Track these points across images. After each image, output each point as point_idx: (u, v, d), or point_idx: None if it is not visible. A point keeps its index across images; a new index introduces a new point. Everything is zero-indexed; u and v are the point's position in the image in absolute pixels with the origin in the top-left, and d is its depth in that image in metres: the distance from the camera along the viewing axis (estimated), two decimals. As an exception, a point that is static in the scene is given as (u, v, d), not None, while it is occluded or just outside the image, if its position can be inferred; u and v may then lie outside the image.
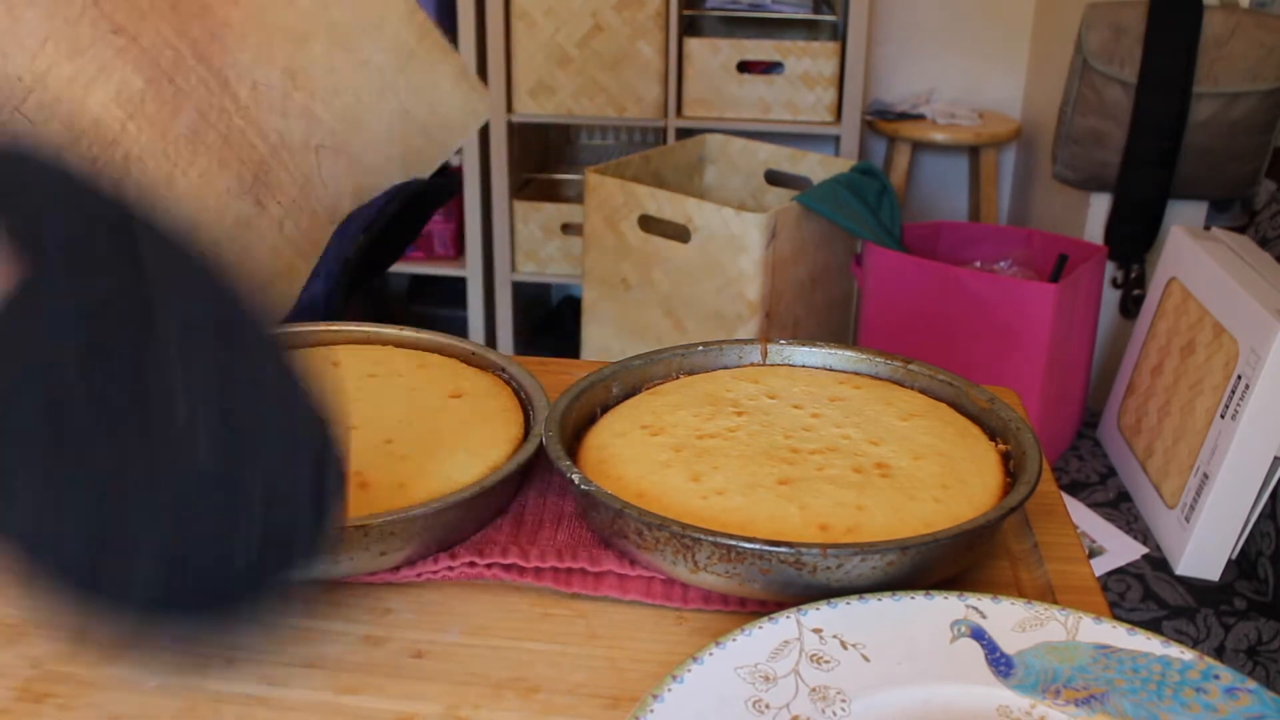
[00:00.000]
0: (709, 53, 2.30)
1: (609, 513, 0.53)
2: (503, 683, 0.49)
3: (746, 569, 0.50)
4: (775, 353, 0.69)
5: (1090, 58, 1.70)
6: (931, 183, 2.73)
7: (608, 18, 2.27)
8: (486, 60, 2.34)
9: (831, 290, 1.94)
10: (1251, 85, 1.64)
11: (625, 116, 2.35)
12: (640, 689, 0.49)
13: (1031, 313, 1.48)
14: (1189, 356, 1.35)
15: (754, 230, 1.72)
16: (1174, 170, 1.71)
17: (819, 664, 0.47)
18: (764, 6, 2.40)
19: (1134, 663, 0.47)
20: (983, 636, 0.48)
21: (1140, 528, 1.36)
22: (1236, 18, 1.65)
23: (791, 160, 2.06)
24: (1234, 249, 1.38)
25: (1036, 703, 0.46)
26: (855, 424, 0.61)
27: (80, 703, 0.48)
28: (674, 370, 0.68)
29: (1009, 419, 0.61)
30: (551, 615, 0.53)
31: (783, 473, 0.57)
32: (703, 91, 2.33)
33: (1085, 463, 1.52)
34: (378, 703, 0.48)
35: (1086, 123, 1.74)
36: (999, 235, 1.77)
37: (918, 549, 0.50)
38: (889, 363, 0.68)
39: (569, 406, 0.62)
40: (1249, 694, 0.45)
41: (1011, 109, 2.63)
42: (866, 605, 0.49)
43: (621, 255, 1.88)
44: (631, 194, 1.83)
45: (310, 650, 0.51)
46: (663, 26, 2.28)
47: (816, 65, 2.29)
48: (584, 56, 2.30)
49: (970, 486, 0.57)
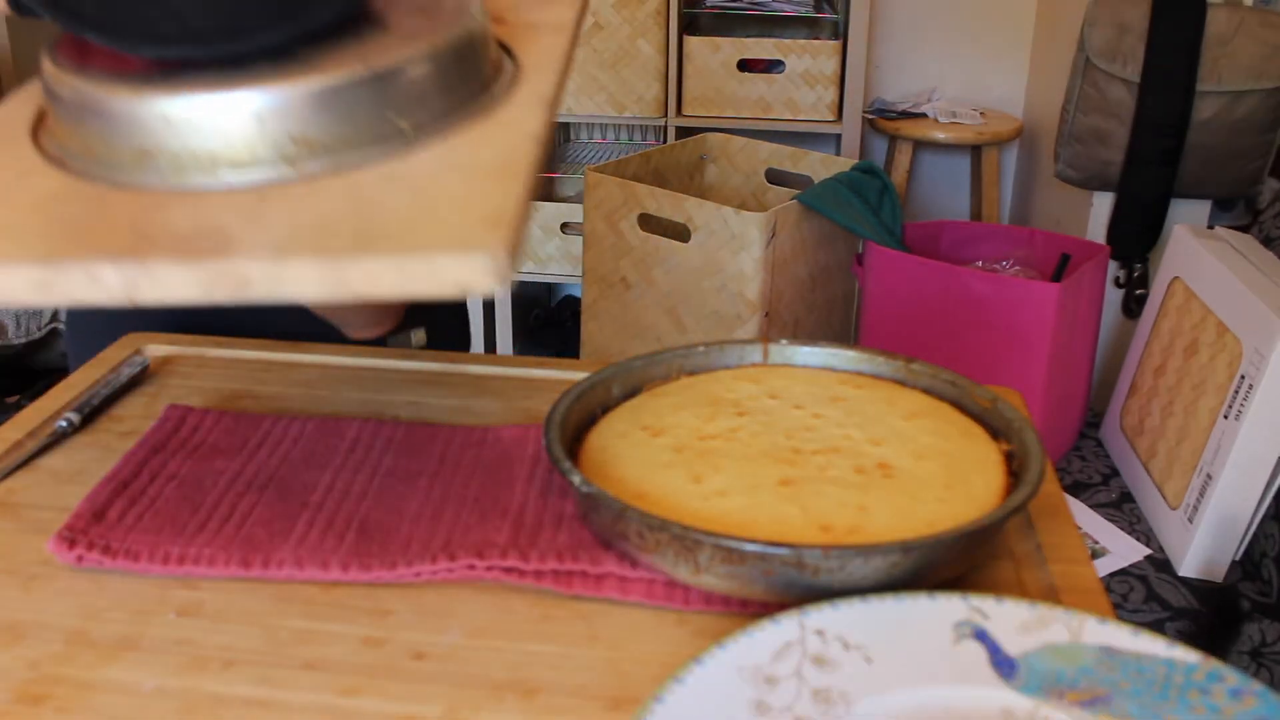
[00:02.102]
0: (709, 51, 2.30)
1: (610, 514, 0.53)
2: (503, 684, 0.49)
3: (748, 570, 0.50)
4: (776, 353, 0.68)
5: (1093, 56, 1.70)
6: (933, 182, 2.73)
7: (607, 16, 2.27)
8: (487, 59, 2.34)
9: (832, 290, 1.94)
10: (1255, 84, 1.64)
11: (625, 115, 2.35)
12: (642, 691, 0.48)
13: (1034, 312, 1.48)
14: (1192, 356, 1.35)
15: (754, 229, 1.72)
16: (1177, 169, 1.71)
17: (821, 665, 0.46)
18: (765, 5, 2.40)
19: (1138, 664, 0.46)
20: (986, 638, 0.48)
21: (1143, 529, 1.36)
22: (1240, 16, 1.65)
23: (792, 159, 2.05)
24: (1237, 248, 1.38)
25: (1040, 704, 0.45)
26: (857, 424, 0.61)
27: (78, 705, 0.47)
28: (675, 371, 0.68)
29: (1011, 419, 0.61)
30: (552, 617, 0.53)
31: (784, 473, 0.56)
32: (703, 90, 2.33)
33: (1088, 463, 1.52)
34: (378, 704, 0.48)
35: (1089, 121, 1.74)
36: (1001, 234, 1.77)
37: (920, 550, 0.50)
38: (891, 363, 0.67)
39: (569, 407, 0.61)
40: (1254, 696, 0.45)
41: (1013, 107, 2.62)
42: (869, 606, 0.49)
43: (621, 255, 1.88)
44: (631, 193, 1.83)
45: (310, 652, 0.51)
46: (663, 24, 2.27)
47: (817, 63, 2.29)
48: (584, 55, 2.30)
49: (973, 487, 0.56)
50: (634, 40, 2.28)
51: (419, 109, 0.53)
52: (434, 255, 0.44)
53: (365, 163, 0.51)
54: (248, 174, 0.50)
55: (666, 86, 2.32)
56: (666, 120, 2.34)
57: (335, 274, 0.44)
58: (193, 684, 0.49)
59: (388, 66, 0.52)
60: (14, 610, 0.53)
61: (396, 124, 0.52)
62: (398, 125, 0.52)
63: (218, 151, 0.51)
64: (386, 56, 0.53)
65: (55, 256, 0.46)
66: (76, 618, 0.53)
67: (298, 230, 0.46)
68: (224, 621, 0.52)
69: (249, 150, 0.50)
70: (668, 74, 2.31)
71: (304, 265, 0.44)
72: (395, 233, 0.45)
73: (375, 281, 0.44)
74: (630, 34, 2.28)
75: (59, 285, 0.45)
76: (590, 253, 1.92)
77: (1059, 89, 1.84)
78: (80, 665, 0.50)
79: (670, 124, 2.34)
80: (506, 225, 0.45)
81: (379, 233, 0.45)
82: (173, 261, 0.45)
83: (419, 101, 0.53)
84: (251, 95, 0.50)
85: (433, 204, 0.47)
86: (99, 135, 0.52)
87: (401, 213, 0.47)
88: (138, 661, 0.50)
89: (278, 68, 0.51)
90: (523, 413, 0.72)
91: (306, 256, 0.44)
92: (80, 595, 0.54)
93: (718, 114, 2.33)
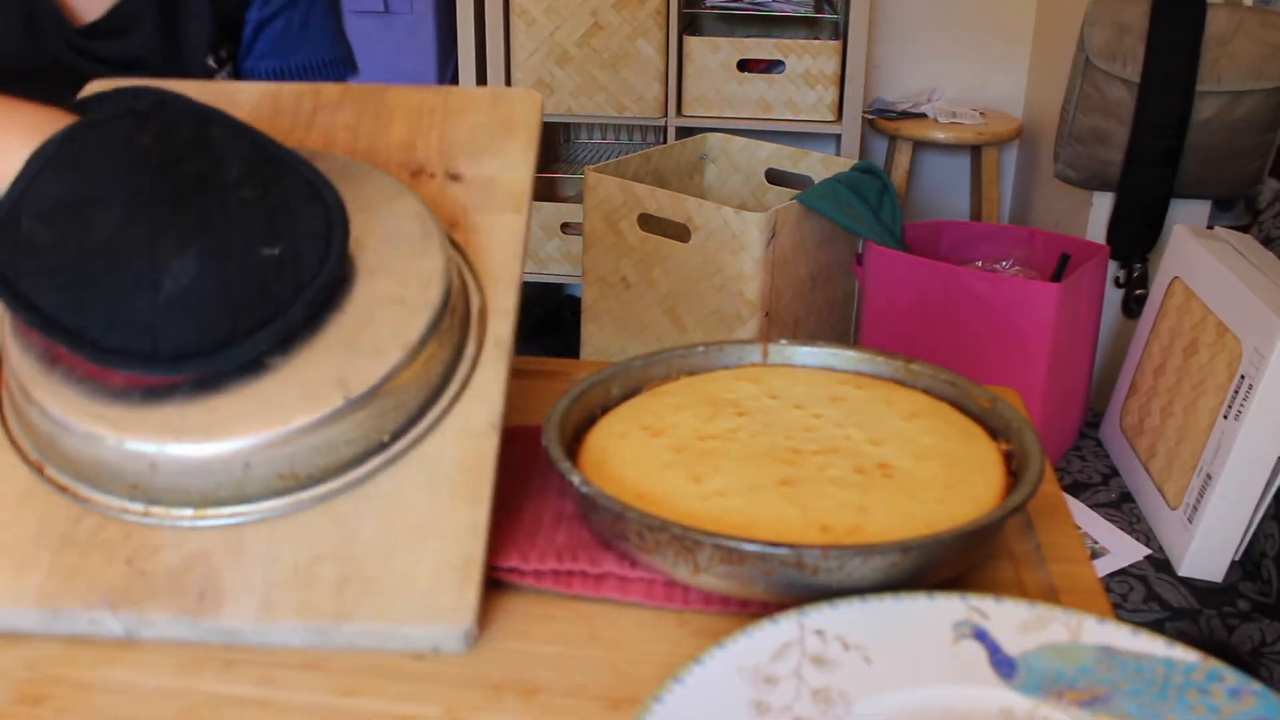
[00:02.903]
0: (709, 51, 2.30)
1: (610, 515, 0.53)
2: (503, 684, 0.49)
3: (748, 570, 0.50)
4: (776, 353, 0.68)
5: (1093, 56, 1.70)
6: (933, 182, 2.73)
7: (607, 16, 2.27)
8: (486, 59, 2.34)
9: (832, 290, 1.94)
10: (1255, 84, 1.64)
11: (625, 115, 2.34)
12: (642, 690, 0.48)
13: (1033, 312, 1.48)
14: (1192, 356, 1.35)
15: (754, 229, 1.72)
16: (1177, 169, 1.70)
17: (821, 665, 0.46)
18: (765, 5, 2.40)
19: (1137, 664, 0.46)
20: (985, 638, 0.48)
21: (1143, 529, 1.36)
22: (1240, 16, 1.65)
23: (792, 159, 2.05)
24: (1237, 248, 1.38)
25: (1039, 704, 0.45)
26: (857, 424, 0.61)
27: (78, 705, 0.47)
28: (674, 371, 0.68)
29: (1011, 419, 0.61)
30: (552, 617, 0.53)
31: (784, 474, 0.56)
32: (703, 90, 2.33)
33: (1087, 463, 1.51)
34: (378, 705, 0.48)
35: (1089, 121, 1.74)
36: (1001, 235, 1.77)
37: (920, 550, 0.50)
38: (890, 363, 0.67)
39: (569, 407, 0.61)
40: (1253, 696, 0.45)
41: (1013, 108, 2.62)
42: (868, 606, 0.49)
43: (621, 255, 1.88)
44: (631, 193, 1.83)
45: (310, 652, 0.51)
46: (663, 25, 2.27)
47: (817, 64, 2.29)
48: (583, 55, 2.30)
49: (972, 487, 0.56)
50: (634, 40, 2.28)
51: (397, 416, 0.55)
52: (408, 627, 0.50)
53: (347, 487, 0.54)
54: (236, 510, 0.53)
55: (666, 86, 2.32)
56: (666, 120, 2.34)
57: (318, 636, 0.50)
58: (193, 684, 0.49)
59: (365, 390, 0.53)
60: (14, 610, 0.53)
61: (379, 438, 0.55)
62: (380, 439, 0.55)
63: (208, 492, 0.53)
64: (363, 375, 0.53)
65: (61, 605, 0.51)
66: (76, 618, 0.52)
67: (285, 577, 0.51)
68: (224, 621, 0.52)
69: (238, 490, 0.53)
70: (668, 74, 2.30)
71: (290, 626, 0.50)
72: (373, 597, 0.51)
73: (354, 641, 0.50)
74: (630, 34, 2.28)
75: (63, 625, 0.51)
76: (590, 253, 1.92)
77: (1059, 89, 1.83)
78: (80, 665, 0.50)
79: (670, 124, 2.34)
80: (474, 584, 0.51)
81: (359, 593, 0.51)
82: (169, 616, 0.50)
83: (396, 410, 0.55)
84: (239, 445, 0.52)
85: (404, 550, 0.52)
86: (85, 462, 0.54)
87: (378, 561, 0.52)
88: (138, 661, 0.50)
89: (260, 407, 0.52)
90: (522, 413, 0.72)
91: (293, 620, 0.50)
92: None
93: (718, 114, 2.33)
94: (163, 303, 0.51)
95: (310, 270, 0.53)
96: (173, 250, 0.52)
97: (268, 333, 0.52)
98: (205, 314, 0.51)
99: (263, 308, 0.52)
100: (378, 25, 2.27)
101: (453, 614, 0.50)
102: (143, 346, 0.51)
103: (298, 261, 0.53)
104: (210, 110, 0.58)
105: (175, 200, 0.54)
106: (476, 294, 0.60)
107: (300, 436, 0.52)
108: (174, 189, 0.55)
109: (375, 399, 0.53)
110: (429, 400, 0.56)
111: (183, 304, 0.51)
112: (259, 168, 0.56)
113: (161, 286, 0.52)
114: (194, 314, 0.51)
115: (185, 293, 0.52)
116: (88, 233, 0.53)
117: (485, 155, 0.66)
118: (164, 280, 0.52)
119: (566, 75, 2.32)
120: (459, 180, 0.65)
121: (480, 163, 0.65)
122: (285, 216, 0.54)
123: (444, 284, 0.57)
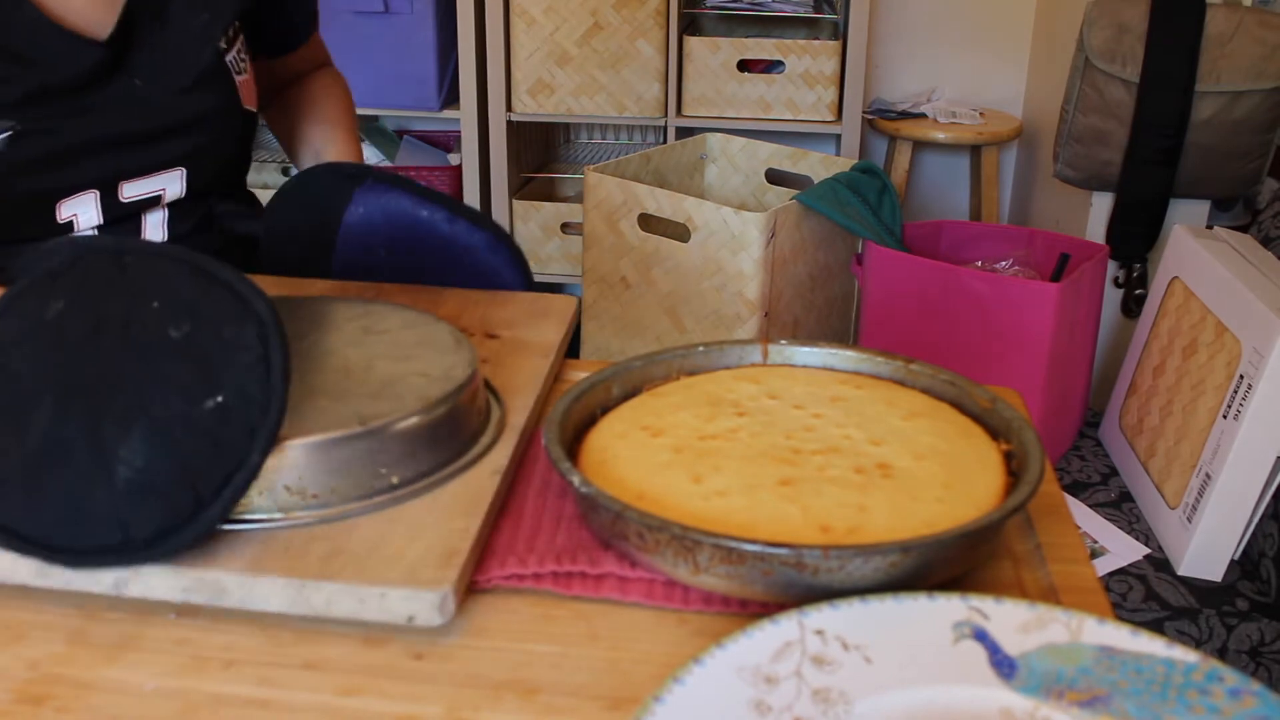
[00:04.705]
0: (709, 51, 2.30)
1: (609, 515, 0.53)
2: (503, 684, 0.49)
3: (748, 570, 0.50)
4: (776, 353, 0.68)
5: (1092, 56, 1.70)
6: (932, 182, 2.73)
7: (607, 16, 2.27)
8: (486, 59, 2.34)
9: (832, 290, 1.94)
10: (1254, 84, 1.64)
11: (625, 115, 2.34)
12: (642, 690, 0.48)
13: (1033, 312, 1.48)
14: (1191, 356, 1.35)
15: (754, 229, 1.72)
16: (1176, 169, 1.71)
17: (821, 665, 0.46)
18: (765, 5, 2.40)
19: (1137, 664, 0.46)
20: (985, 638, 0.48)
21: (1142, 528, 1.36)
22: (1239, 16, 1.65)
23: (792, 159, 2.05)
24: (1236, 248, 1.38)
25: (1040, 704, 0.45)
26: (857, 424, 0.61)
27: (78, 705, 0.47)
28: (674, 371, 0.68)
29: (1011, 419, 0.61)
30: (552, 617, 0.53)
31: (784, 473, 0.56)
32: (703, 90, 2.33)
33: (1087, 463, 1.52)
34: (378, 705, 0.48)
35: (1088, 121, 1.74)
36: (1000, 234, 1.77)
37: (920, 550, 0.50)
38: (890, 363, 0.67)
39: (569, 408, 0.61)
40: (1253, 696, 0.45)
41: (1013, 108, 2.62)
42: (868, 606, 0.49)
43: (621, 254, 1.88)
44: (631, 193, 1.83)
45: (310, 651, 0.51)
46: (663, 25, 2.27)
47: (817, 64, 2.29)
48: (583, 55, 2.30)
49: (972, 487, 0.56)
50: (634, 40, 2.28)
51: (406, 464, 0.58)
52: (385, 588, 0.51)
53: (352, 513, 0.56)
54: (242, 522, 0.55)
55: (666, 87, 2.32)
56: (666, 120, 2.34)
57: (297, 593, 0.51)
58: (193, 684, 0.49)
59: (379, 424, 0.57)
60: (14, 610, 0.53)
61: (388, 479, 0.57)
62: (389, 480, 0.57)
63: None
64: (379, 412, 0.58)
65: None
66: (76, 618, 0.53)
67: (277, 551, 0.53)
68: (224, 621, 0.52)
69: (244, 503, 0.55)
70: (668, 74, 2.31)
71: (273, 581, 0.51)
72: (357, 566, 0.52)
73: (332, 601, 0.51)
74: (630, 34, 2.28)
75: (56, 574, 0.52)
76: (590, 253, 1.92)
77: (1058, 89, 1.84)
78: (80, 665, 0.50)
79: (670, 124, 2.34)
80: (456, 566, 0.52)
81: (345, 563, 0.52)
82: (158, 565, 0.52)
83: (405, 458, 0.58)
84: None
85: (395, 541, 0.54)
86: None
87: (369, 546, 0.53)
88: (138, 661, 0.50)
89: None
90: (522, 413, 0.72)
91: (275, 575, 0.51)
92: (80, 595, 0.54)
93: (718, 114, 2.33)
94: (122, 491, 0.51)
95: (258, 407, 0.53)
96: (118, 435, 0.51)
97: (232, 489, 0.52)
98: (167, 494, 0.51)
99: (221, 464, 0.52)
100: (378, 25, 2.26)
101: (431, 584, 0.51)
102: (114, 539, 0.51)
103: (244, 401, 0.53)
104: (123, 241, 0.58)
105: (104, 375, 0.53)
106: (498, 407, 0.66)
107: (313, 452, 0.55)
108: (100, 359, 0.53)
109: (386, 436, 0.57)
110: (440, 462, 0.59)
111: (141, 489, 0.51)
112: (182, 291, 0.55)
113: (116, 474, 0.51)
114: (156, 496, 0.51)
115: (141, 474, 0.51)
116: (26, 435, 0.52)
117: (520, 327, 0.77)
118: (117, 468, 0.51)
119: (566, 75, 2.32)
120: (495, 338, 0.75)
121: (515, 330, 0.76)
122: (219, 350, 0.54)
123: (468, 370, 0.62)
